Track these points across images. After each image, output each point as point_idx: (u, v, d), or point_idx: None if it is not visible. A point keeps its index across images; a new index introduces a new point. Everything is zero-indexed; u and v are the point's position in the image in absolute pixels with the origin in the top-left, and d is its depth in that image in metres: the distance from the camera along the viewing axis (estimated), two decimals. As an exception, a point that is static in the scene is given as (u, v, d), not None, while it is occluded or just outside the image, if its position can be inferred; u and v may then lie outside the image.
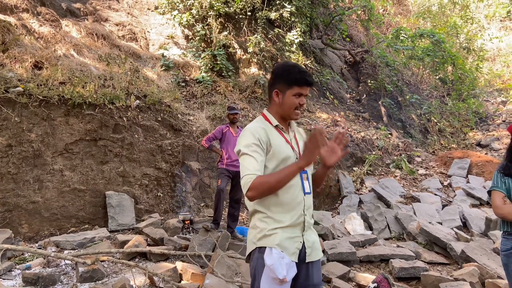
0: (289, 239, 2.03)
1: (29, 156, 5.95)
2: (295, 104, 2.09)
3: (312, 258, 2.10)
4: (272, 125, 2.15)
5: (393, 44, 13.84)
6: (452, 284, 4.22)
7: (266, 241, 2.03)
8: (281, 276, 1.94)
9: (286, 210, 2.04)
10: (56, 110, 6.26)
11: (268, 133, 2.08)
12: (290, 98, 2.09)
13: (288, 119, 2.18)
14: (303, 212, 2.09)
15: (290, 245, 2.03)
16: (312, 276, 2.11)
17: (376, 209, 7.09)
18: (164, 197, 7.15)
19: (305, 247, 2.07)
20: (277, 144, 2.08)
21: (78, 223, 6.21)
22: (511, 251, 2.68)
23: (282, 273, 1.94)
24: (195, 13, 10.50)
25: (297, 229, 2.07)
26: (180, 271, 4.43)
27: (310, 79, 2.08)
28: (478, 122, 14.72)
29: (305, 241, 2.08)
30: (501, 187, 2.76)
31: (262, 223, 2.06)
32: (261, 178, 1.94)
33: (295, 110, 2.11)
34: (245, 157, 2.01)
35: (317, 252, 2.13)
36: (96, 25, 9.48)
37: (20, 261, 4.85)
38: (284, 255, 1.99)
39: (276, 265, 1.95)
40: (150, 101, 7.45)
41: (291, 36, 11.11)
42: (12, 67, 6.54)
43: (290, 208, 2.05)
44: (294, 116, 2.13)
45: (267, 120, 2.17)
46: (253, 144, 2.02)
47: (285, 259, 1.98)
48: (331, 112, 11.66)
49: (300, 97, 2.09)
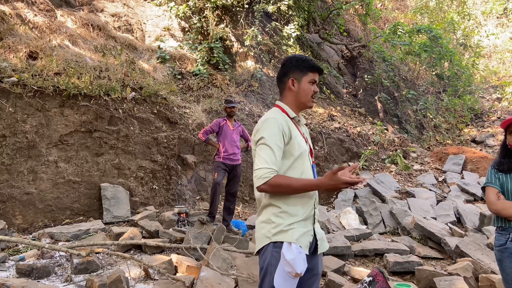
0: (303, 234, 2.03)
1: (24, 147, 5.89)
2: (311, 90, 2.12)
3: (322, 249, 2.13)
4: (290, 117, 2.13)
5: (390, 39, 13.81)
6: (446, 278, 4.24)
7: (284, 236, 2.01)
8: (299, 271, 1.94)
9: (301, 204, 2.04)
10: (51, 101, 6.20)
11: (290, 126, 2.07)
12: (307, 85, 2.12)
13: (304, 108, 2.18)
14: (314, 205, 2.10)
15: (305, 239, 2.04)
16: (317, 265, 2.14)
17: (371, 204, 7.11)
18: (160, 189, 7.13)
19: (316, 239, 2.09)
20: (295, 137, 2.07)
21: (72, 215, 6.18)
22: (505, 246, 2.69)
23: (301, 267, 1.95)
24: (192, 5, 10.41)
25: (309, 222, 2.08)
26: (175, 263, 4.42)
27: (319, 66, 2.15)
28: (473, 118, 14.78)
29: (316, 233, 2.10)
30: (495, 183, 2.78)
31: (278, 218, 2.03)
32: (282, 179, 1.94)
33: (312, 97, 2.13)
34: (265, 148, 1.98)
35: (325, 243, 2.16)
36: (92, 16, 9.38)
37: (14, 253, 4.82)
38: (302, 250, 1.99)
39: (296, 259, 1.95)
40: (146, 93, 7.39)
41: (289, 30, 11.06)
42: (6, 57, 6.46)
43: (304, 201, 2.05)
44: (310, 104, 2.14)
45: (284, 112, 2.14)
46: (276, 136, 1.99)
47: (302, 254, 1.98)
48: (328, 106, 11.65)
49: (314, 85, 2.13)
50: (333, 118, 10.82)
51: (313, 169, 2.13)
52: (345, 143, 9.90)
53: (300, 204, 2.04)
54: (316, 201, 2.13)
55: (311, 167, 2.12)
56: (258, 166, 1.96)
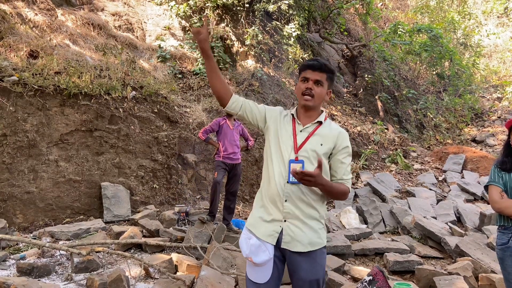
0: (263, 221, 2.15)
1: (24, 146, 5.90)
2: (301, 88, 2.17)
3: (290, 247, 2.09)
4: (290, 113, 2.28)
5: (390, 39, 13.81)
6: (446, 278, 4.24)
7: (248, 218, 2.27)
8: (244, 255, 2.13)
9: (268, 192, 2.17)
10: (51, 100, 6.21)
11: (281, 117, 2.26)
12: (298, 84, 2.20)
13: (302, 106, 2.22)
14: (283, 198, 2.10)
15: (263, 226, 2.14)
16: (299, 268, 2.10)
17: (371, 203, 7.11)
18: (160, 189, 7.13)
19: (283, 233, 2.10)
20: (278, 129, 2.22)
21: (73, 214, 6.19)
22: (507, 245, 2.69)
23: (245, 252, 2.12)
24: (192, 4, 10.41)
25: (276, 213, 2.13)
26: (175, 262, 4.43)
27: (312, 62, 2.17)
28: (474, 118, 14.78)
29: (286, 228, 2.10)
30: (498, 182, 2.77)
31: (256, 199, 2.30)
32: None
33: (303, 95, 2.16)
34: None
35: (297, 243, 2.09)
36: (92, 15, 9.38)
37: (14, 251, 4.83)
38: (252, 236, 2.14)
39: (241, 243, 2.17)
40: (146, 93, 7.39)
41: (289, 29, 11.05)
42: (7, 56, 6.46)
43: (270, 191, 2.15)
44: (303, 101, 2.17)
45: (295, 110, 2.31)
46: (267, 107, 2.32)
47: (252, 240, 2.12)
48: (328, 106, 11.65)
49: (307, 82, 2.16)
50: (333, 117, 10.81)
51: (289, 163, 2.11)
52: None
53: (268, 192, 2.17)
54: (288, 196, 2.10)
55: (287, 162, 2.12)
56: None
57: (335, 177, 2.17)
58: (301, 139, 2.16)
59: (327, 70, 2.15)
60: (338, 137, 2.18)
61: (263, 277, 2.10)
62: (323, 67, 2.15)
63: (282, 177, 2.12)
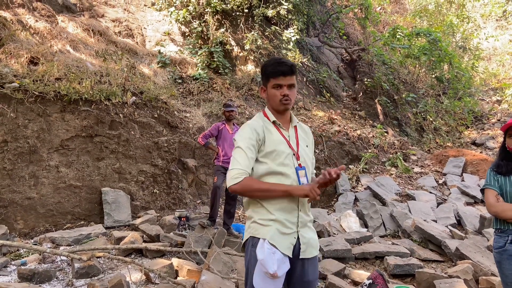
0: (281, 234, 2.05)
1: (25, 152, 5.92)
2: (277, 96, 2.12)
3: (307, 255, 2.11)
4: (270, 121, 2.19)
5: (389, 43, 13.85)
6: (447, 281, 4.25)
7: (260, 232, 2.07)
8: (271, 271, 1.97)
9: (279, 203, 2.07)
10: (52, 106, 6.24)
11: (265, 130, 2.14)
12: (272, 91, 2.14)
13: (279, 112, 2.19)
14: (298, 208, 2.10)
15: (283, 240, 2.05)
16: (307, 272, 2.12)
17: (371, 206, 7.12)
18: (160, 194, 7.15)
19: (299, 243, 2.09)
20: (273, 140, 2.13)
21: (73, 220, 6.20)
22: (504, 248, 2.71)
23: (273, 268, 1.97)
24: (192, 10, 10.48)
25: (291, 224, 2.08)
26: (176, 267, 4.43)
27: (283, 68, 2.09)
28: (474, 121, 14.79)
29: (300, 237, 2.10)
30: (494, 185, 2.78)
31: (256, 213, 2.12)
32: (252, 181, 2.02)
33: (280, 101, 2.12)
34: (239, 151, 2.07)
35: (312, 249, 2.14)
36: (92, 21, 9.44)
37: (15, 257, 4.84)
38: (276, 250, 2.01)
39: (267, 259, 1.98)
40: (146, 98, 7.43)
41: (288, 34, 11.10)
42: (7, 62, 6.50)
43: (282, 203, 2.07)
44: (282, 107, 2.15)
45: (266, 117, 2.21)
46: (249, 139, 2.08)
47: (276, 254, 2.00)
48: (327, 110, 11.68)
49: (281, 88, 2.11)
50: (333, 121, 10.84)
51: (297, 172, 2.12)
52: (345, 146, 9.92)
53: (279, 204, 2.07)
54: (301, 204, 2.11)
55: (294, 170, 2.11)
56: (231, 167, 2.05)
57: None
58: (294, 145, 2.19)
59: (295, 70, 2.15)
60: (311, 135, 2.33)
61: (275, 286, 2.03)
62: (293, 69, 2.12)
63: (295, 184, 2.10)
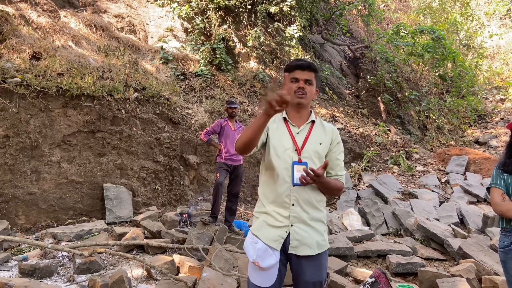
0: (268, 226, 2.13)
1: (27, 147, 5.91)
2: (292, 88, 2.18)
3: (299, 252, 2.09)
4: (281, 116, 2.26)
5: (393, 40, 13.79)
6: (449, 280, 4.22)
7: (252, 224, 2.27)
8: (251, 259, 2.10)
9: (271, 198, 2.15)
10: (54, 101, 6.22)
11: (273, 121, 2.23)
12: (288, 84, 2.19)
13: (295, 107, 2.23)
14: (289, 202, 2.10)
15: (269, 231, 2.12)
16: (305, 272, 2.11)
17: (373, 204, 7.09)
18: (162, 190, 7.14)
19: (290, 238, 2.09)
20: (275, 135, 2.20)
21: (75, 215, 6.20)
22: (509, 247, 2.67)
23: (252, 256, 2.10)
24: (194, 6, 10.43)
25: (282, 218, 2.11)
26: (177, 264, 4.42)
27: (300, 63, 2.19)
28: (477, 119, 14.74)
29: (293, 232, 2.09)
30: (500, 184, 2.74)
31: (256, 206, 2.28)
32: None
33: (295, 93, 2.18)
34: None
35: (305, 248, 2.10)
36: (95, 17, 9.41)
37: (16, 252, 4.84)
38: (258, 240, 2.12)
39: (247, 247, 2.15)
40: (148, 94, 7.41)
41: (291, 31, 11.06)
42: (10, 57, 6.48)
43: (274, 196, 2.13)
44: (296, 100, 2.19)
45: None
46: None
47: (258, 244, 2.10)
48: (330, 107, 11.64)
49: (297, 82, 2.17)
50: (335, 118, 10.80)
51: (293, 166, 2.12)
52: (347, 144, 9.89)
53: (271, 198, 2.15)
54: (295, 199, 2.11)
55: (291, 164, 2.12)
56: None
57: (331, 174, 2.22)
58: (300, 140, 2.19)
59: (314, 69, 2.20)
60: (332, 134, 2.26)
61: (268, 281, 2.08)
62: (312, 66, 2.19)
63: (286, 181, 2.11)
